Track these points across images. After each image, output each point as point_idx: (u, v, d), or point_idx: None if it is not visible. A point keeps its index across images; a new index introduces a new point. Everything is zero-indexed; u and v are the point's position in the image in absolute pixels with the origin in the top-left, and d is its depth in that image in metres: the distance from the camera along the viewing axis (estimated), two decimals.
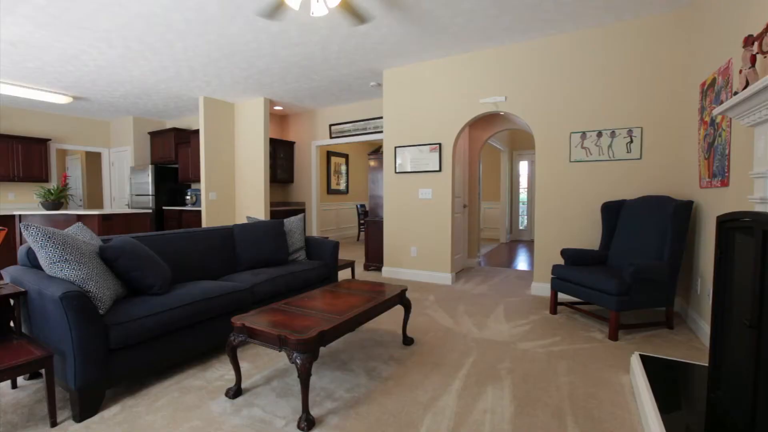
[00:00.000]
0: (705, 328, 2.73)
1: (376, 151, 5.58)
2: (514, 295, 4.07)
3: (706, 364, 2.06)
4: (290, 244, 3.61)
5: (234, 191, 6.57)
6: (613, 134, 3.62)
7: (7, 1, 3.09)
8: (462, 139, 5.21)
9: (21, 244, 4.90)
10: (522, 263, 5.93)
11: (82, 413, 1.83)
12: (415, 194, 4.74)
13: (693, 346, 2.68)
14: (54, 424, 1.78)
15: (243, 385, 2.15)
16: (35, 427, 1.78)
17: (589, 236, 3.78)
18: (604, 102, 3.65)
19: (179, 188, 7.46)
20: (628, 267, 2.76)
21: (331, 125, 6.72)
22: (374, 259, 5.33)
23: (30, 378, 2.23)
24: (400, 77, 4.80)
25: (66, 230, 2.24)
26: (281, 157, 7.00)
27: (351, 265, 4.08)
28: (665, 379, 1.95)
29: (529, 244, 7.95)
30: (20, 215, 4.91)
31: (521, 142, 8.59)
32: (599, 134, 3.68)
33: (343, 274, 4.83)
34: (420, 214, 4.72)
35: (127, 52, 4.21)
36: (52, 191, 5.23)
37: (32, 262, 2.21)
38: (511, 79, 4.09)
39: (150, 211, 5.83)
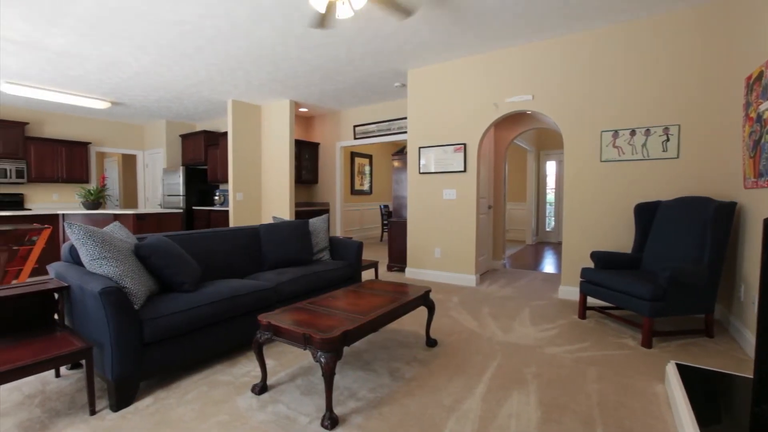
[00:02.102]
0: (749, 337, 2.57)
1: (400, 151, 5.58)
2: (540, 298, 3.97)
3: (751, 376, 1.94)
4: (314, 244, 3.65)
5: (260, 192, 6.73)
6: (647, 132, 3.47)
7: (54, 14, 3.28)
8: (487, 138, 5.13)
9: (64, 241, 5.20)
10: (549, 266, 5.77)
11: (119, 403, 1.92)
12: (439, 195, 4.71)
13: (735, 356, 2.53)
14: (93, 412, 1.88)
15: (268, 382, 2.19)
16: (76, 415, 1.88)
17: (620, 239, 3.63)
18: (638, 99, 3.51)
19: (208, 189, 7.70)
20: (663, 271, 2.64)
21: (355, 126, 6.77)
22: (398, 259, 5.33)
23: (72, 368, 2.36)
24: (425, 77, 4.78)
25: (104, 229, 2.36)
26: (306, 158, 7.11)
27: (374, 265, 4.09)
28: (704, 390, 1.85)
29: (556, 246, 7.73)
30: (63, 214, 5.21)
31: (549, 142, 8.38)
32: (632, 132, 3.53)
33: (367, 275, 4.85)
34: (444, 214, 4.67)
35: (160, 59, 4.39)
36: (91, 192, 5.52)
37: (74, 258, 2.34)
38: (539, 77, 3.99)
39: (181, 210, 6.05)
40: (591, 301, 3.71)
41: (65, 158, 6.96)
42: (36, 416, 1.87)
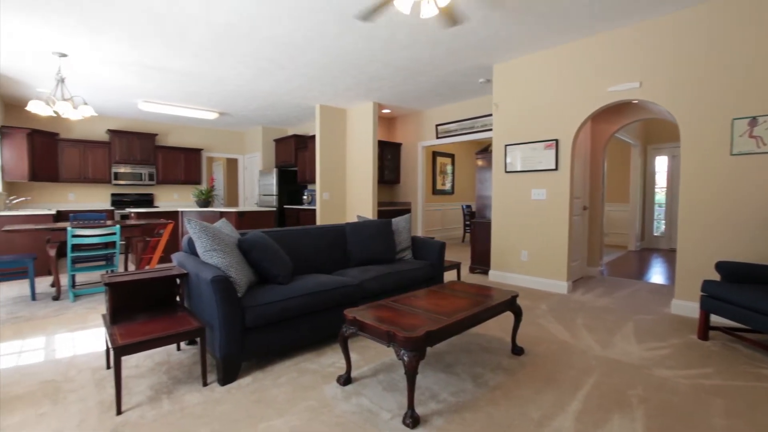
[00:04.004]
0: None
1: (485, 150, 5.38)
2: (646, 311, 3.50)
3: None
4: (397, 243, 3.69)
5: (345, 191, 7.03)
6: None
7: (176, 40, 3.82)
8: (583, 133, 4.69)
9: (183, 234, 6.04)
10: (657, 276, 5.07)
11: (225, 378, 2.16)
12: (526, 195, 4.43)
13: None
14: (205, 384, 2.14)
15: (352, 375, 2.27)
16: (192, 384, 2.16)
17: (756, 247, 3.03)
18: None
19: (298, 189, 8.30)
20: None
21: (437, 125, 6.71)
22: (480, 261, 5.15)
23: (188, 344, 2.72)
24: (512, 71, 4.53)
25: (214, 224, 2.67)
26: (388, 158, 7.25)
27: (457, 266, 4.00)
28: None
29: (667, 254, 6.75)
30: (182, 211, 6.04)
31: (658, 134, 7.36)
32: None
33: (449, 276, 4.77)
34: (532, 216, 4.38)
35: (259, 71, 4.84)
36: (203, 192, 6.32)
37: (191, 249, 2.69)
38: (647, 60, 3.52)
39: (274, 209, 6.61)
40: (715, 319, 3.16)
41: (183, 163, 8.09)
42: (163, 381, 2.19)
